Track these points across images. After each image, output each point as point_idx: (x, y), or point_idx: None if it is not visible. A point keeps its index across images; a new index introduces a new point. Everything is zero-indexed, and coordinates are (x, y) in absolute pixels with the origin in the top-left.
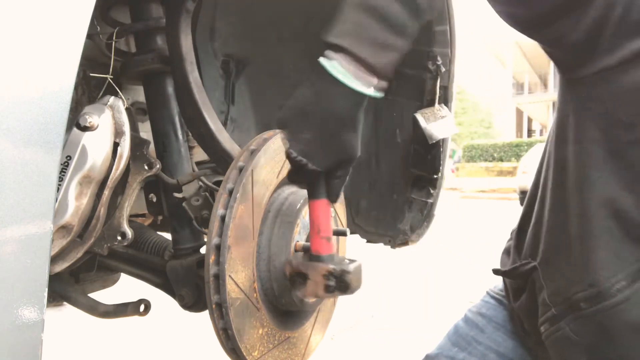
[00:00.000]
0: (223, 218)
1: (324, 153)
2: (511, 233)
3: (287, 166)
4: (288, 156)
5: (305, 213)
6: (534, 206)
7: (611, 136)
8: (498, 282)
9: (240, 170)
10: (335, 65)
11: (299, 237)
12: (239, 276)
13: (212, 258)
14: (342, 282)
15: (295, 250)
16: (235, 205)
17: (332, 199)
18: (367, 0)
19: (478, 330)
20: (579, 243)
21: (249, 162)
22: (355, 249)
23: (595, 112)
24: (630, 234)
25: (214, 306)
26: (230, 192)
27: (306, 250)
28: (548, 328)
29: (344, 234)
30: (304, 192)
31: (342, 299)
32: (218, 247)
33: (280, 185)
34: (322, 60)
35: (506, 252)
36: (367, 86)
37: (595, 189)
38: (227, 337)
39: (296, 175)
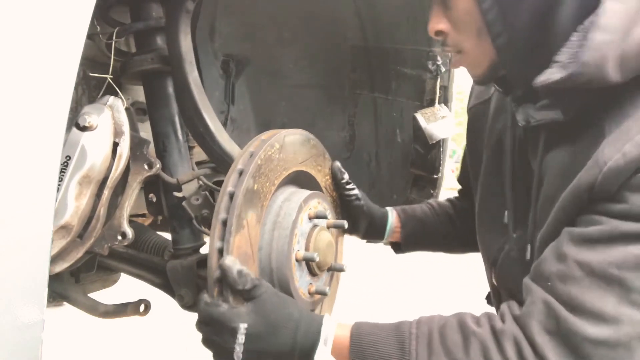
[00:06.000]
0: (221, 251)
1: None
2: None
3: (280, 176)
4: None
5: (301, 220)
6: None
7: None
8: None
9: (231, 197)
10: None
11: (298, 246)
12: None
13: (215, 291)
14: None
15: (296, 260)
16: (232, 239)
17: None
18: None
19: None
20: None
21: (239, 187)
22: (355, 249)
23: None
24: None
25: None
26: (224, 223)
27: (307, 259)
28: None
29: (342, 226)
30: (297, 198)
31: (342, 299)
32: (220, 280)
33: (273, 193)
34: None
35: None
36: None
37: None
38: None
39: None
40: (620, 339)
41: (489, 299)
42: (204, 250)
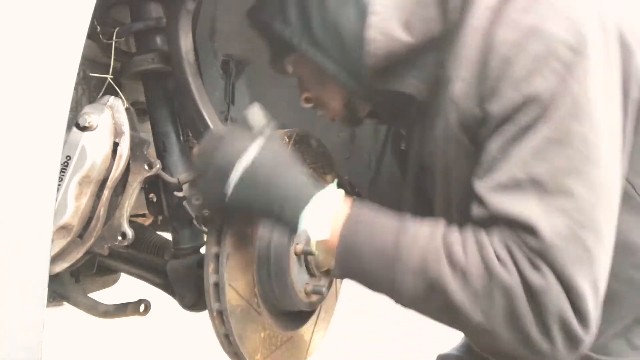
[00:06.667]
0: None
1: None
2: None
3: None
4: None
5: None
6: None
7: None
8: None
9: None
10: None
11: (298, 240)
12: (239, 283)
13: (211, 267)
14: None
15: (295, 254)
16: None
17: None
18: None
19: None
20: None
21: None
22: None
23: None
24: None
25: (214, 314)
26: None
27: (306, 253)
28: None
29: None
30: None
31: (341, 300)
32: (217, 256)
33: None
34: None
35: None
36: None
37: None
38: (229, 343)
39: None
40: (571, 228)
41: None
42: (204, 250)
